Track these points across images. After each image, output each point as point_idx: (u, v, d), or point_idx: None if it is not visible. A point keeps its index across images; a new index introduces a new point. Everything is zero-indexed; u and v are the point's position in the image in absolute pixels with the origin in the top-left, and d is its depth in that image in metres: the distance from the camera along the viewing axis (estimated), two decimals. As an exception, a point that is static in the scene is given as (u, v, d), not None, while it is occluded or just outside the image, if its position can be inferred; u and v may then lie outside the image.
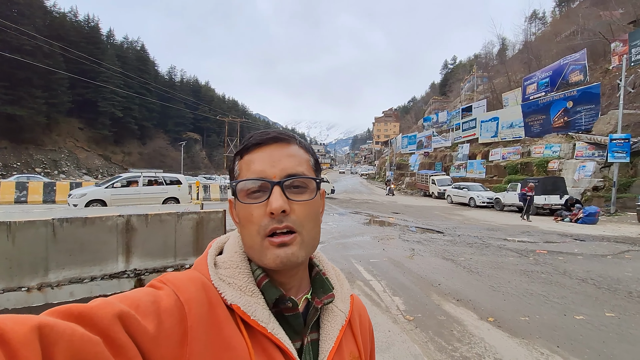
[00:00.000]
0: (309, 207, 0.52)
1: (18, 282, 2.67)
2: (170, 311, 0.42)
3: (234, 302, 0.47)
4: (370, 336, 0.66)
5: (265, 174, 0.51)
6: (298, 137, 0.57)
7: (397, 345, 3.10)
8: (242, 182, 0.51)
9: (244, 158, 0.54)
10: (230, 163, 0.58)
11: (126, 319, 0.38)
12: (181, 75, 72.55)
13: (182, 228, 4.62)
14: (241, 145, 0.55)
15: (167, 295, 0.43)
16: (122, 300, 0.40)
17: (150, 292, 0.44)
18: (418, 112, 78.74)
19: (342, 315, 0.57)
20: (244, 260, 0.53)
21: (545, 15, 51.22)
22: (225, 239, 0.59)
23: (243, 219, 0.52)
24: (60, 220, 3.15)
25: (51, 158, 37.58)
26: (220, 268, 0.51)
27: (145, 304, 0.41)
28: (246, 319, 0.46)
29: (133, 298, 0.41)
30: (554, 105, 21.60)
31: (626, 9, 25.67)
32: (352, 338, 0.58)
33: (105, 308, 0.37)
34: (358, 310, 0.63)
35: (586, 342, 3.15)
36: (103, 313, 0.36)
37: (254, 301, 0.48)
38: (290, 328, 0.51)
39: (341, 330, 0.55)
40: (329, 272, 0.62)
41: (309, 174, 0.54)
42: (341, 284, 0.62)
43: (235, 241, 0.56)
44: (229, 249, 0.55)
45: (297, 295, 0.55)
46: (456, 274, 5.47)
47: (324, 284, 0.58)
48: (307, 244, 0.52)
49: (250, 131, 0.62)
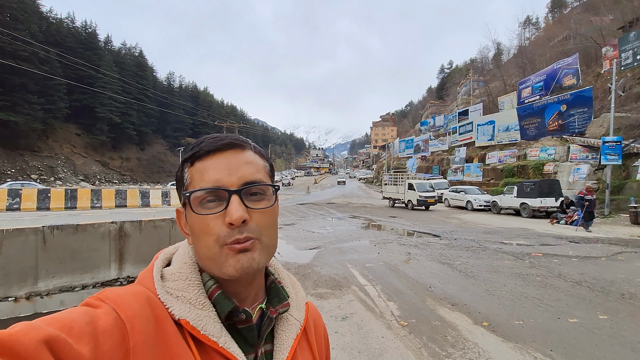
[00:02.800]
0: (268, 214, 0.51)
1: (5, 292, 2.63)
2: (110, 331, 0.38)
3: (183, 316, 0.44)
4: (325, 343, 0.65)
5: (221, 183, 0.48)
6: (252, 143, 0.55)
7: (390, 351, 3.08)
8: (196, 192, 0.48)
9: (195, 165, 0.50)
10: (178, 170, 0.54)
11: (55, 345, 0.33)
12: (180, 80, 72.83)
13: (177, 234, 4.60)
14: (191, 151, 0.52)
15: (105, 314, 0.39)
16: (51, 323, 0.36)
17: (86, 311, 0.39)
18: (415, 116, 79.23)
19: (297, 324, 0.55)
20: (194, 272, 0.50)
21: (538, 20, 52.01)
22: (173, 249, 0.56)
23: (198, 230, 0.48)
24: (51, 228, 3.13)
25: (47, 164, 37.37)
26: (168, 281, 0.48)
27: (80, 325, 0.37)
28: (196, 334, 0.44)
29: (65, 319, 0.37)
30: (548, 108, 21.82)
31: (616, 15, 26.16)
32: (308, 346, 0.57)
33: (28, 333, 0.33)
34: (313, 317, 0.63)
35: (579, 345, 3.15)
36: (27, 339, 0.32)
37: (205, 315, 0.46)
38: (244, 340, 0.49)
39: (296, 340, 0.53)
40: (285, 280, 0.61)
41: (266, 180, 0.52)
42: (296, 292, 0.61)
43: (184, 252, 0.53)
44: (178, 260, 0.52)
45: (252, 305, 0.53)
46: (452, 278, 5.47)
47: (279, 292, 0.56)
48: (267, 249, 0.50)
49: (249, 136, 0.58)
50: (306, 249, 7.85)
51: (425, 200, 18.28)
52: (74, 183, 36.56)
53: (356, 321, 3.75)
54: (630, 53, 18.09)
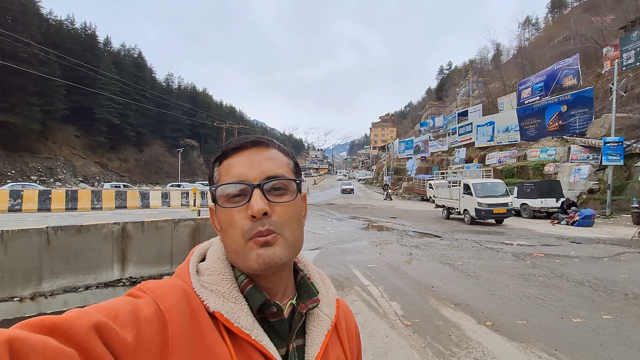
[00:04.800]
0: (290, 208, 0.52)
1: (10, 292, 2.63)
2: (150, 320, 0.40)
3: (217, 309, 0.46)
4: (357, 340, 0.66)
5: (244, 177, 0.50)
6: (277, 142, 0.57)
7: (394, 351, 3.08)
8: (221, 187, 0.51)
9: (222, 164, 0.53)
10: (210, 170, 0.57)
11: (103, 330, 0.36)
12: (179, 81, 72.84)
13: (179, 235, 4.59)
14: (220, 150, 0.55)
15: (146, 304, 0.42)
16: (99, 310, 0.38)
17: (129, 300, 0.42)
18: (415, 117, 79.29)
19: (328, 320, 0.56)
20: (227, 267, 0.52)
21: (538, 21, 52.18)
22: (207, 245, 0.58)
23: (224, 224, 0.51)
24: (55, 229, 3.12)
25: (47, 166, 37.33)
26: (203, 275, 0.50)
27: (124, 313, 0.39)
28: (229, 327, 0.45)
29: (111, 308, 0.40)
30: (548, 109, 21.85)
31: (617, 15, 26.22)
32: (339, 342, 0.57)
33: (80, 319, 0.35)
34: (344, 314, 0.63)
35: (583, 345, 3.14)
36: (78, 324, 0.35)
37: (238, 308, 0.47)
38: (276, 334, 0.50)
39: (327, 335, 0.54)
40: (314, 276, 0.61)
41: (289, 176, 0.53)
42: (327, 288, 0.61)
43: (217, 247, 0.55)
44: (212, 256, 0.54)
45: (283, 301, 0.54)
46: (454, 278, 5.46)
47: (309, 288, 0.57)
48: (291, 245, 0.51)
49: None
50: (308, 249, 7.84)
51: (489, 211, 12.23)
52: (73, 184, 36.52)
53: (360, 321, 3.75)
54: (632, 53, 18.07)
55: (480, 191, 12.71)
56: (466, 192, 13.28)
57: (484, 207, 12.27)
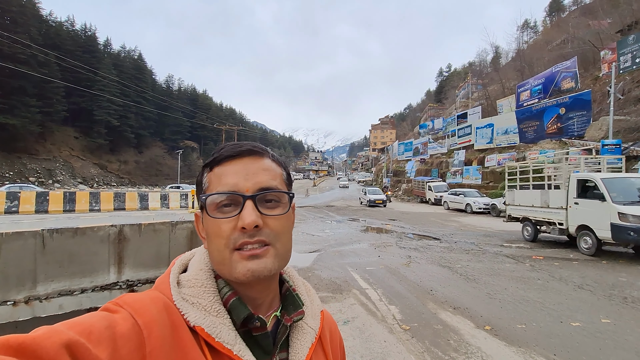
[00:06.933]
0: (282, 221, 0.51)
1: (4, 296, 2.60)
2: (127, 336, 0.38)
3: (197, 323, 0.44)
4: (341, 352, 0.65)
5: (237, 188, 0.49)
6: (271, 151, 0.56)
7: (392, 356, 3.05)
8: (212, 196, 0.49)
9: (214, 170, 0.52)
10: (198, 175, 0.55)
11: (75, 349, 0.34)
12: (179, 83, 73.02)
13: (177, 237, 4.57)
14: (211, 156, 0.53)
15: (123, 319, 0.40)
16: (72, 327, 0.37)
17: (105, 316, 0.40)
18: (414, 119, 79.43)
19: (312, 333, 0.55)
20: (209, 278, 0.50)
21: (536, 24, 52.36)
22: (190, 255, 0.56)
23: (211, 233, 0.49)
24: (50, 231, 3.10)
25: (45, 167, 37.26)
26: (184, 287, 0.49)
27: (99, 329, 0.37)
28: (210, 342, 0.44)
29: (84, 324, 0.38)
30: (547, 111, 21.92)
31: (614, 19, 26.34)
32: (323, 355, 0.56)
33: (50, 337, 0.33)
34: (329, 325, 0.62)
35: (582, 349, 3.12)
36: (48, 343, 0.33)
37: (219, 322, 0.46)
38: (259, 348, 0.49)
39: (311, 348, 0.53)
40: (299, 287, 0.60)
41: (282, 188, 0.53)
42: (312, 300, 0.60)
43: (201, 258, 0.53)
44: (194, 267, 0.52)
45: (267, 312, 0.53)
46: (452, 281, 5.44)
47: (294, 300, 0.56)
48: (281, 257, 0.50)
49: (248, 139, 0.60)
50: (306, 252, 7.82)
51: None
52: (72, 186, 36.43)
53: (358, 325, 3.73)
54: (629, 56, 18.20)
55: (620, 193, 6.95)
56: (585, 196, 7.49)
57: (633, 223, 6.42)
